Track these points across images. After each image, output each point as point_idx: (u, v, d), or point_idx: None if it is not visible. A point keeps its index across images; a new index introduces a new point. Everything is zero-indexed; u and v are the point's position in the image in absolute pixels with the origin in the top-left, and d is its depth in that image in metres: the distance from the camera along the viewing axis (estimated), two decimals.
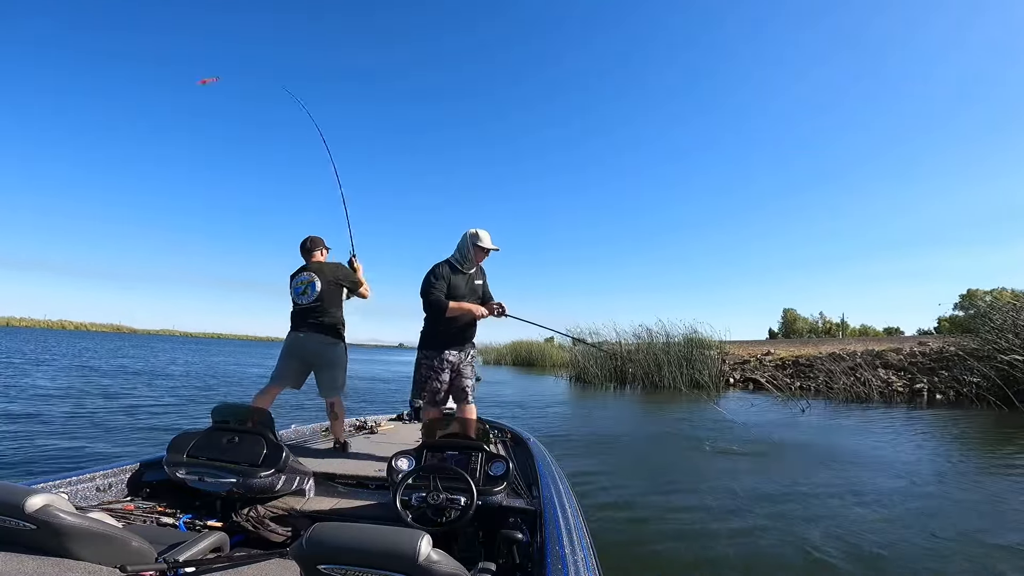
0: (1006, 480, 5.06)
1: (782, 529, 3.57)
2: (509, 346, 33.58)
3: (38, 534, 1.16)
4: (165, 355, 27.30)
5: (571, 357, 20.31)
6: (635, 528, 3.59)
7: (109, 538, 1.23)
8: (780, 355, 18.44)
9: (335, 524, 1.10)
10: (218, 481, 2.07)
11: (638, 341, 18.04)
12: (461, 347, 3.28)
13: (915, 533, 3.50)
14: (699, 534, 3.47)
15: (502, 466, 2.18)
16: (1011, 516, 3.93)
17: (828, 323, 59.48)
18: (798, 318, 64.69)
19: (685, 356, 16.17)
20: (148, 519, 1.95)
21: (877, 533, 3.48)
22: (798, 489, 4.54)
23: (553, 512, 1.85)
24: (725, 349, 17.36)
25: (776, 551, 3.21)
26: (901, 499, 4.32)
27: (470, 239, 3.25)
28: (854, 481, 4.87)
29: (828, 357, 15.16)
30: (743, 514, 3.89)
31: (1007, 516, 3.94)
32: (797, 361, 16.56)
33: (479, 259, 3.32)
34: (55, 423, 6.63)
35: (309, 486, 2.35)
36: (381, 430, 4.24)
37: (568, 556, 1.45)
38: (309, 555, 1.04)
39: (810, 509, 4.01)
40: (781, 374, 15.84)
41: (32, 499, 1.15)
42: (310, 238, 3.68)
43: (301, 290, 3.51)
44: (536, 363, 29.15)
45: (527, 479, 2.59)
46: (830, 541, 3.32)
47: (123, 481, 2.23)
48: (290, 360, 3.50)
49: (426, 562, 1.00)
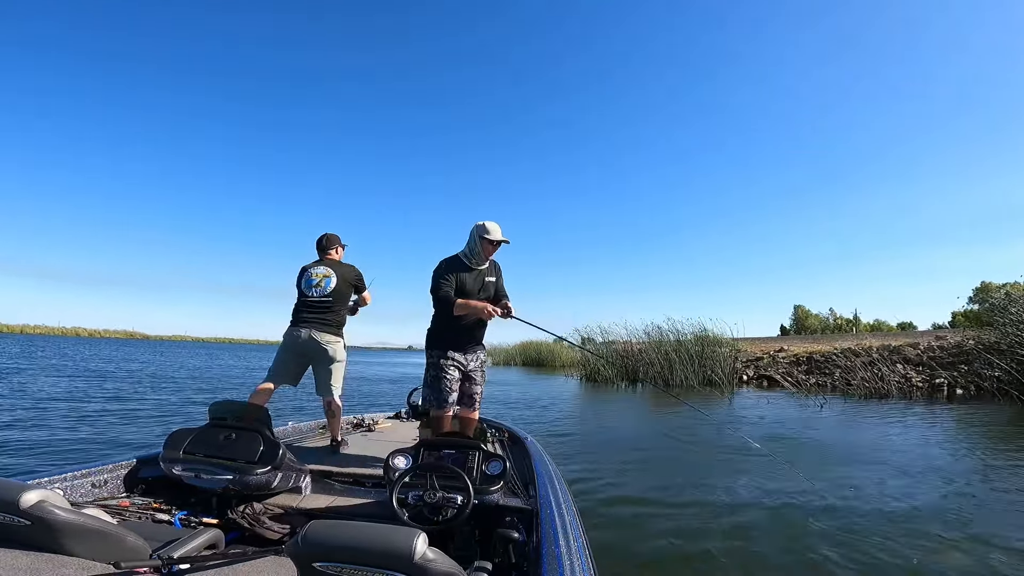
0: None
1: (798, 528, 3.44)
2: (518, 346, 33.50)
3: (33, 530, 1.16)
4: (175, 359, 27.54)
5: (581, 357, 20.19)
6: (633, 527, 3.50)
7: (104, 534, 1.23)
8: (794, 351, 18.19)
9: (331, 522, 1.10)
10: (214, 478, 2.07)
11: (648, 339, 17.91)
12: (469, 348, 3.14)
13: (958, 536, 3.36)
14: (702, 533, 3.36)
15: (499, 465, 2.18)
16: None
17: (839, 319, 58.75)
18: (809, 315, 63.97)
19: (697, 354, 15.97)
20: (143, 516, 1.95)
21: (917, 537, 3.34)
22: (819, 490, 4.39)
23: (549, 511, 1.85)
24: (737, 346, 17.14)
25: (788, 552, 3.08)
26: (938, 499, 4.16)
27: (477, 232, 3.09)
28: (885, 481, 4.69)
29: (844, 353, 14.93)
30: (750, 513, 3.77)
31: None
32: (812, 357, 16.32)
33: (488, 253, 3.14)
34: (54, 421, 6.59)
35: (306, 483, 2.35)
36: (378, 428, 4.23)
37: (564, 555, 1.46)
38: (305, 553, 1.04)
39: (832, 512, 3.85)
40: (796, 371, 15.64)
41: (27, 495, 1.14)
42: (326, 235, 3.64)
43: (315, 282, 3.46)
44: (546, 363, 29.03)
45: (524, 478, 2.59)
46: (861, 547, 3.19)
47: (118, 477, 2.23)
48: (289, 357, 3.43)
49: (422, 560, 1.00)
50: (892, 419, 8.75)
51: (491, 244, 3.11)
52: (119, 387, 11.82)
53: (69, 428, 6.43)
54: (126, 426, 6.89)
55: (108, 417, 7.53)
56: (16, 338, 55.14)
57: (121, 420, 7.34)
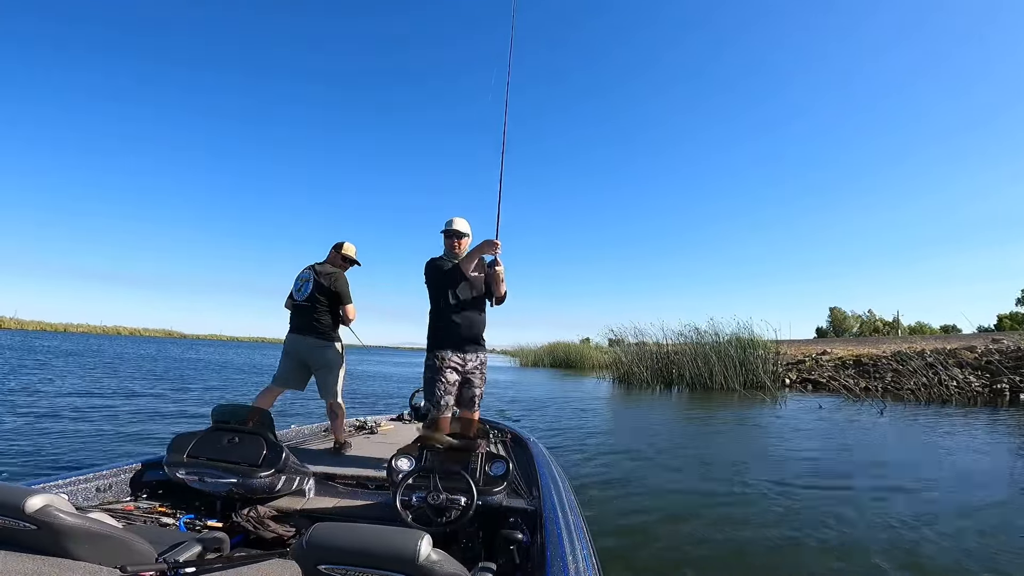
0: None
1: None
2: (546, 347, 33.37)
3: (38, 534, 1.15)
4: (214, 356, 28.29)
5: (613, 358, 19.88)
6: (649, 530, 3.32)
7: (109, 538, 1.23)
8: (838, 354, 17.52)
9: (335, 524, 1.11)
10: (218, 481, 2.08)
11: (684, 341, 17.49)
12: (467, 348, 3.10)
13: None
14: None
15: (502, 466, 2.17)
16: None
17: (879, 321, 56.57)
18: (846, 316, 61.82)
19: (738, 356, 15.49)
20: (148, 519, 1.96)
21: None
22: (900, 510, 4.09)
23: (553, 512, 1.85)
24: (777, 348, 16.57)
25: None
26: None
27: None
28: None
29: (894, 356, 14.27)
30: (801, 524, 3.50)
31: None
32: (859, 360, 15.67)
33: (449, 246, 3.20)
34: (65, 422, 6.49)
35: (309, 486, 2.36)
36: (381, 430, 4.23)
37: (568, 556, 1.45)
38: (309, 555, 1.04)
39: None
40: (843, 374, 15.03)
41: (32, 499, 1.14)
42: (341, 242, 3.70)
43: (298, 285, 3.55)
44: (575, 364, 28.81)
45: (527, 479, 2.59)
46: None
47: (123, 481, 2.25)
48: (289, 360, 3.49)
49: (426, 562, 1.00)
50: (968, 426, 8.23)
51: (447, 236, 3.19)
52: (140, 386, 12.10)
53: (76, 431, 6.50)
54: (141, 426, 6.97)
55: (127, 415, 7.68)
56: (60, 336, 57.69)
57: (141, 418, 7.43)
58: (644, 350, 18.32)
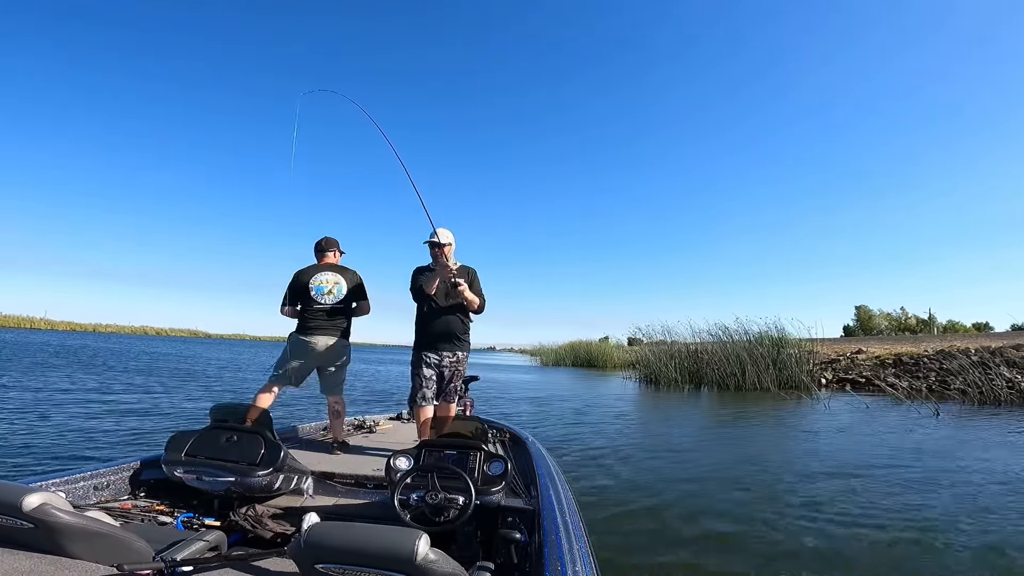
0: None
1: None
2: (567, 347, 33.12)
3: (35, 533, 1.16)
4: (238, 355, 28.65)
5: (639, 356, 19.52)
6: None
7: (106, 537, 1.23)
8: (876, 353, 16.96)
9: (333, 523, 1.10)
10: (216, 480, 2.08)
11: (713, 340, 17.09)
12: (442, 347, 3.38)
13: None
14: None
15: (500, 466, 2.17)
16: None
17: (911, 319, 54.93)
18: (873, 315, 60.23)
19: (772, 355, 15.05)
20: (146, 518, 1.97)
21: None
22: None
23: (551, 512, 1.85)
24: (811, 347, 16.07)
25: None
26: None
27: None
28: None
29: (939, 354, 13.71)
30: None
31: None
32: (900, 359, 15.11)
33: (434, 255, 3.37)
34: (68, 420, 6.47)
35: (307, 485, 2.36)
36: (380, 429, 4.25)
37: (566, 556, 1.45)
38: (307, 554, 1.04)
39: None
40: (883, 373, 14.50)
41: (29, 498, 1.14)
42: (326, 238, 3.67)
43: (326, 289, 3.49)
44: (596, 363, 28.49)
45: (525, 479, 2.60)
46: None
47: (121, 480, 2.25)
48: (296, 361, 3.46)
49: (424, 561, 1.00)
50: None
51: (430, 247, 3.36)
52: (152, 384, 12.16)
53: (81, 429, 6.48)
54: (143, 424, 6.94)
55: (130, 414, 7.66)
56: (89, 335, 59.13)
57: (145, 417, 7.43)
58: (673, 348, 17.94)
